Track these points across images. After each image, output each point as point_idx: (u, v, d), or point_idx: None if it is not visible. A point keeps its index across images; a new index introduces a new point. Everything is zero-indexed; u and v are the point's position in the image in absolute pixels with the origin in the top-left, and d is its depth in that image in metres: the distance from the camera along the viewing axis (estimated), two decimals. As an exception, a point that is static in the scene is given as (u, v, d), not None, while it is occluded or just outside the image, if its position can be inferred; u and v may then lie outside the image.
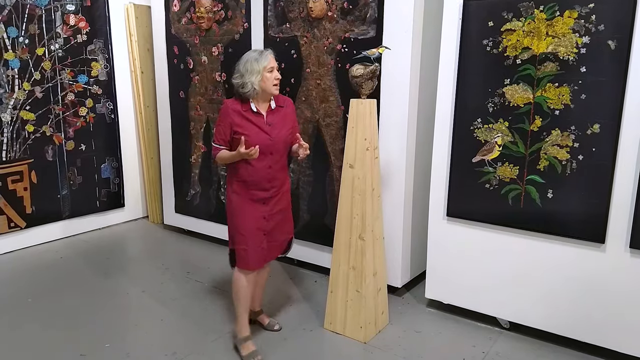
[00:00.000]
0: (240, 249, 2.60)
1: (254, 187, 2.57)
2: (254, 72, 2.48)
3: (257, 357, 2.62)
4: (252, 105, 2.54)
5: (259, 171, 2.55)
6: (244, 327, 2.70)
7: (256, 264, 2.64)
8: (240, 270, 2.63)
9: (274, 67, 2.53)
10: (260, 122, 2.54)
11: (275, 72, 2.53)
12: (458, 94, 2.79)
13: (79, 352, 2.69)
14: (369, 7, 3.04)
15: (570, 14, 2.41)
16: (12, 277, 3.64)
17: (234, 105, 2.54)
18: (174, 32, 4.18)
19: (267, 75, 2.50)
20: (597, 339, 2.60)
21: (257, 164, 2.53)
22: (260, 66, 2.48)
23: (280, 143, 2.59)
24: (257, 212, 2.60)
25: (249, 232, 2.59)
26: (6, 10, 3.84)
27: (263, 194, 2.59)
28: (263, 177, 2.56)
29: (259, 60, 2.49)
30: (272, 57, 2.54)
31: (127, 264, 3.98)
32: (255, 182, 2.56)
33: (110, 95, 4.61)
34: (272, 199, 2.63)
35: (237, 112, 2.53)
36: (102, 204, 4.70)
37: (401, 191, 3.13)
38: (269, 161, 2.57)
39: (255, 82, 2.48)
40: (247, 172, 2.55)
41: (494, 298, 2.87)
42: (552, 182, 2.58)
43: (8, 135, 3.97)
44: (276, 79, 2.53)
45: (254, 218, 2.60)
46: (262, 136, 2.52)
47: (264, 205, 2.61)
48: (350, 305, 2.80)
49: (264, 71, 2.48)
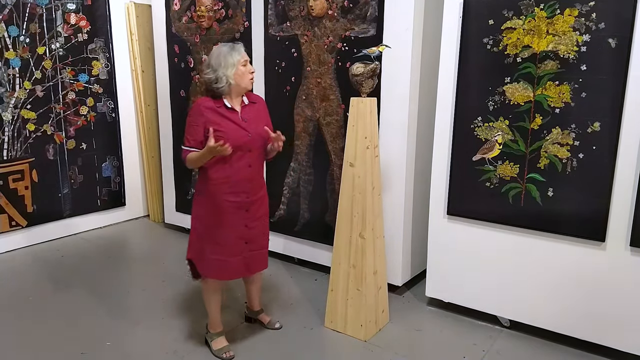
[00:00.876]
0: (214, 259, 2.49)
1: (234, 189, 2.45)
2: (228, 66, 2.40)
3: (228, 352, 2.61)
4: (225, 101, 2.44)
5: (239, 171, 2.44)
6: (216, 324, 2.68)
7: (234, 274, 2.56)
8: (212, 280, 2.55)
9: (248, 60, 2.46)
10: (235, 118, 2.45)
11: (249, 66, 2.46)
12: (458, 93, 2.79)
13: (80, 350, 2.70)
14: (369, 5, 3.04)
15: (571, 12, 2.41)
16: (13, 276, 3.64)
17: (207, 103, 2.44)
18: (175, 31, 4.18)
19: (242, 69, 2.42)
20: (597, 337, 2.60)
21: (236, 163, 2.43)
22: (234, 59, 2.41)
23: (259, 139, 2.49)
24: (238, 219, 2.49)
25: (228, 241, 2.48)
26: (7, 9, 3.84)
27: (244, 197, 2.48)
28: (244, 177, 2.46)
29: (233, 54, 2.41)
30: (244, 51, 2.48)
31: (128, 262, 3.99)
32: (236, 183, 2.44)
33: (111, 94, 4.62)
34: (254, 204, 2.53)
35: (210, 109, 2.42)
36: (103, 202, 4.70)
37: (401, 189, 3.13)
38: (248, 159, 2.47)
39: (230, 76, 2.40)
40: (226, 173, 2.43)
41: (494, 296, 2.88)
42: (552, 180, 2.57)
43: (9, 134, 3.98)
44: (251, 73, 2.47)
45: (235, 226, 2.49)
46: (240, 132, 2.43)
47: (247, 212, 2.50)
48: (350, 304, 2.80)
49: (238, 64, 2.41)
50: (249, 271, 2.62)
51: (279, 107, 3.57)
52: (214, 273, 2.54)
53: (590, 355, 2.65)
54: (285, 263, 3.85)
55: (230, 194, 2.46)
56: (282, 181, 3.70)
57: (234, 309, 3.11)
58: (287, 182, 3.68)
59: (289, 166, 3.64)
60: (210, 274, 2.54)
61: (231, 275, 2.57)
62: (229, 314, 3.04)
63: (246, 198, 2.49)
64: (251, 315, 2.94)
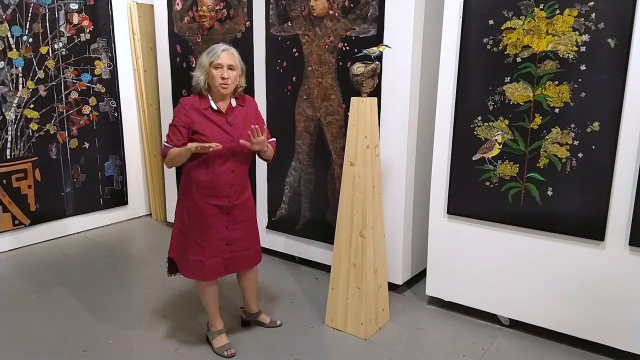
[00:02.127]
0: (194, 260, 2.48)
1: (215, 193, 2.43)
2: (200, 67, 2.38)
3: (229, 350, 2.63)
4: (212, 102, 2.40)
5: (220, 175, 2.41)
6: (216, 321, 2.70)
7: (213, 275, 2.55)
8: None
9: (223, 64, 2.34)
10: (221, 122, 2.40)
11: (222, 70, 2.34)
12: (458, 92, 2.80)
13: (82, 347, 2.72)
14: (370, 5, 3.05)
15: (571, 12, 2.41)
16: (16, 274, 3.67)
17: (193, 102, 2.40)
18: (177, 31, 4.20)
19: (213, 72, 2.35)
20: (596, 336, 2.61)
21: (218, 168, 2.40)
22: (206, 61, 2.36)
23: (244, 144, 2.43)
24: (219, 222, 2.48)
25: (209, 243, 2.48)
26: (10, 9, 3.86)
27: (225, 201, 2.45)
28: (225, 181, 2.43)
29: (208, 55, 2.37)
30: (227, 54, 2.37)
31: (130, 261, 4.01)
32: (216, 187, 2.42)
33: (113, 94, 4.64)
34: (236, 207, 2.51)
35: (195, 109, 2.38)
36: (106, 201, 4.73)
37: (402, 189, 3.15)
38: (231, 164, 2.43)
39: (201, 78, 2.37)
40: (207, 177, 2.40)
41: (494, 295, 2.89)
42: (552, 180, 2.58)
43: (12, 134, 4.00)
44: (222, 78, 2.34)
45: (216, 229, 2.48)
46: (223, 137, 2.37)
47: (228, 215, 2.49)
48: (351, 302, 2.82)
49: (210, 67, 2.35)
50: (227, 271, 2.60)
51: (280, 107, 3.59)
52: (194, 274, 2.54)
53: (589, 354, 2.66)
54: (286, 262, 3.87)
55: (211, 197, 2.45)
56: (283, 180, 3.71)
57: (233, 311, 3.12)
58: (288, 181, 3.69)
59: (290, 165, 3.65)
60: (191, 275, 2.55)
61: (210, 276, 2.55)
62: (228, 314, 3.06)
63: (228, 202, 2.48)
64: (249, 318, 2.92)
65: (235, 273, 2.72)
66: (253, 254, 2.68)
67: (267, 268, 3.70)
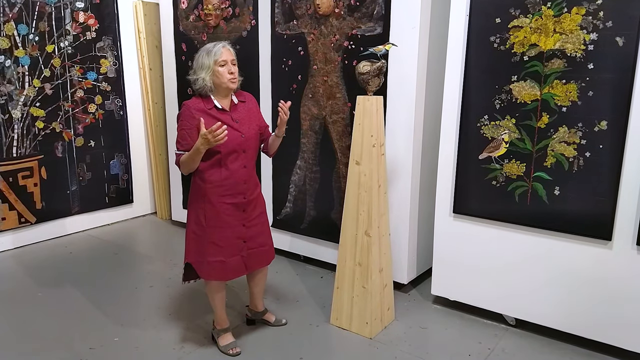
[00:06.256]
0: (214, 261, 2.49)
1: (230, 190, 2.45)
2: (204, 68, 2.38)
3: (234, 348, 2.63)
4: (215, 101, 2.43)
5: (235, 173, 2.44)
6: (222, 320, 2.70)
7: (234, 274, 2.56)
8: (213, 281, 2.56)
9: (227, 60, 2.38)
10: (227, 119, 2.41)
11: (229, 66, 2.38)
12: (465, 91, 2.79)
13: (88, 345, 2.73)
14: (376, 3, 3.04)
15: (578, 10, 2.40)
16: (22, 272, 3.68)
17: (197, 105, 2.41)
18: (182, 29, 4.20)
19: (220, 70, 2.37)
20: (603, 336, 2.60)
21: (231, 164, 2.43)
22: (210, 60, 2.36)
23: (252, 139, 2.49)
24: (236, 220, 2.50)
25: (227, 242, 2.49)
26: (17, 8, 3.87)
27: (240, 198, 2.48)
28: (239, 178, 2.46)
29: (210, 55, 2.37)
30: (227, 50, 2.40)
31: (136, 259, 4.02)
32: (232, 185, 2.45)
33: (119, 92, 4.65)
34: (250, 204, 2.54)
35: (201, 111, 2.39)
36: (111, 199, 4.74)
37: (407, 188, 3.14)
38: (243, 160, 2.47)
39: (207, 78, 2.38)
40: (222, 175, 2.42)
41: (500, 295, 2.88)
42: (559, 179, 2.57)
43: (18, 132, 4.02)
44: (230, 73, 2.38)
45: (233, 227, 2.49)
46: (232, 134, 2.39)
47: (244, 212, 2.52)
48: (356, 301, 2.81)
49: (215, 65, 2.36)
50: (248, 269, 2.62)
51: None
52: (215, 275, 2.54)
53: (596, 354, 2.65)
54: (292, 260, 3.86)
55: (227, 196, 2.46)
56: (288, 179, 3.71)
57: (239, 308, 3.13)
58: (294, 180, 3.69)
59: (295, 164, 3.65)
60: (212, 276, 2.55)
61: (232, 275, 2.57)
62: (233, 312, 3.06)
63: (243, 199, 2.51)
64: (255, 317, 2.93)
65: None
66: (268, 249, 2.70)
67: (272, 267, 3.65)
